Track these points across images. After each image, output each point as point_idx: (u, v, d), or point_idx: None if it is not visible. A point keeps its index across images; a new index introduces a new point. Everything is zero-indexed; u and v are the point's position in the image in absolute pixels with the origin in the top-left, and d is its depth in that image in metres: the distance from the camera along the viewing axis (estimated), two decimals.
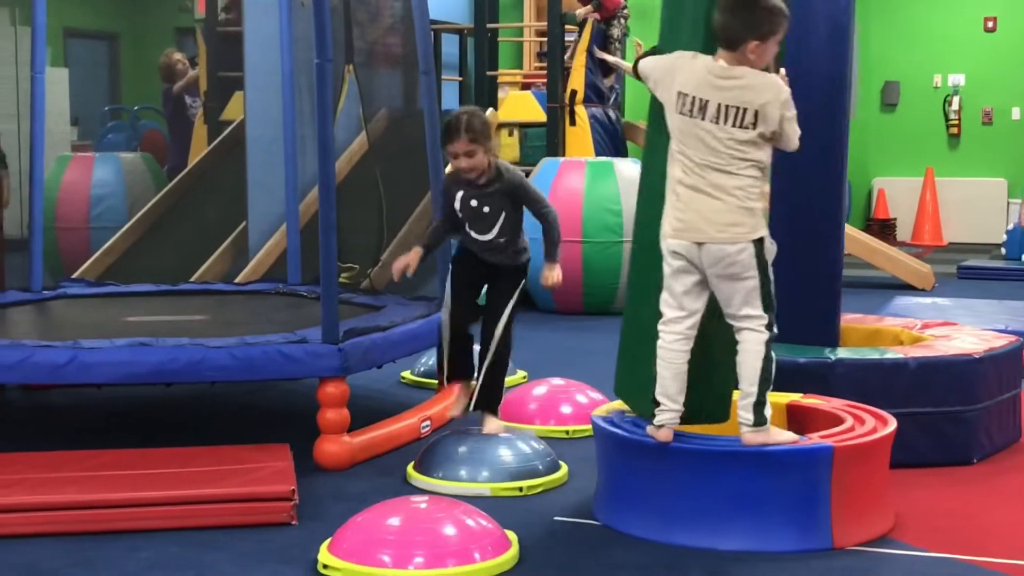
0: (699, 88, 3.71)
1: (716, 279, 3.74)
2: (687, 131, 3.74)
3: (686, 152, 3.74)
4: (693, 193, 3.73)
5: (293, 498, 4.01)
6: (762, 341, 3.75)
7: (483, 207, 4.54)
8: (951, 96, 13.74)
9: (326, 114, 4.63)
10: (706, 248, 3.72)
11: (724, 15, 3.70)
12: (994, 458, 4.83)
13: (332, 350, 4.60)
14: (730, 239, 3.70)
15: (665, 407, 3.80)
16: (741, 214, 3.71)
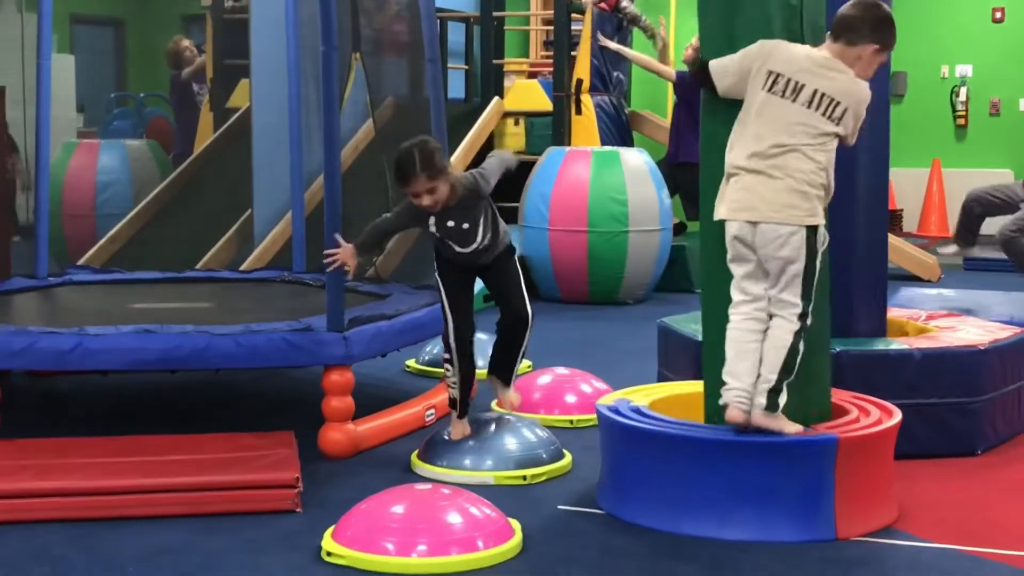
0: (798, 72, 3.77)
1: (767, 260, 3.77)
2: (769, 110, 3.78)
3: (762, 132, 3.77)
4: (753, 174, 3.77)
5: (297, 485, 4.02)
6: (792, 331, 3.77)
7: (462, 224, 4.34)
8: (958, 87, 13.71)
9: (332, 102, 4.63)
10: (760, 228, 3.75)
11: (856, 10, 3.81)
12: (999, 449, 4.82)
13: (337, 338, 4.60)
14: (784, 219, 3.73)
15: (729, 386, 3.78)
16: (798, 197, 3.75)
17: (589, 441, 4.68)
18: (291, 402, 5.54)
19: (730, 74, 3.84)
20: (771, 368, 3.77)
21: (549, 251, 8.48)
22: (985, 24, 13.64)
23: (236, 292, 6.10)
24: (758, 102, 3.79)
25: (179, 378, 5.52)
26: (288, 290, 6.10)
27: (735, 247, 3.81)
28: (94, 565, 3.55)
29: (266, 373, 5.82)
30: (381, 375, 5.98)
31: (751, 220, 3.76)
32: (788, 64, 3.79)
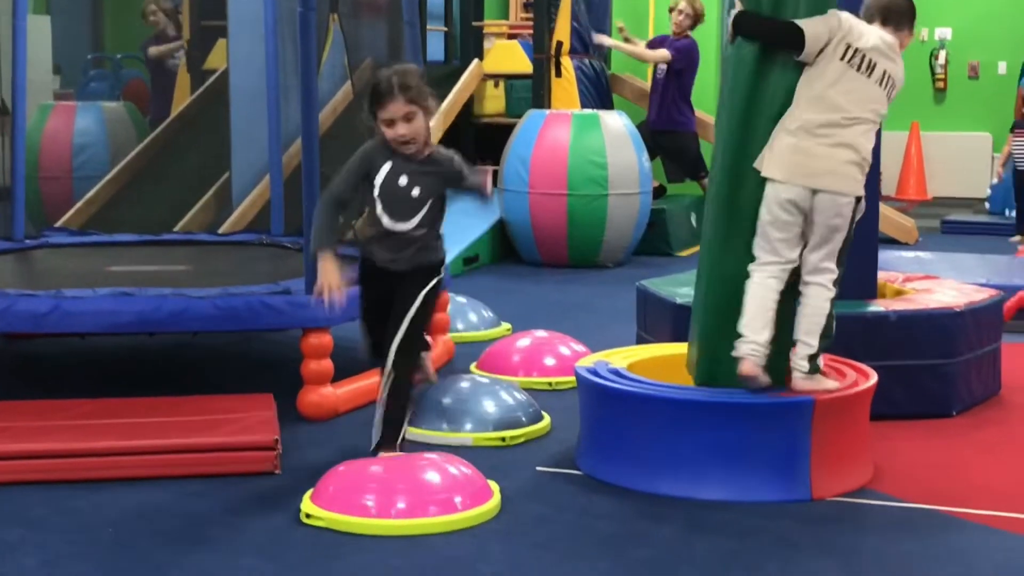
0: (872, 51, 3.89)
1: (819, 227, 3.85)
2: (846, 83, 3.86)
3: (839, 102, 3.84)
4: (822, 142, 3.82)
5: (277, 447, 4.03)
6: (829, 298, 3.89)
7: (412, 188, 3.84)
8: (937, 50, 13.71)
9: (310, 64, 4.61)
10: (821, 196, 3.82)
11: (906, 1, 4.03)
12: (974, 411, 4.86)
13: (315, 301, 4.59)
14: (846, 190, 3.84)
15: (748, 339, 3.84)
16: (858, 169, 3.88)
17: (568, 403, 4.70)
18: (270, 365, 5.54)
19: (820, 39, 3.84)
20: (811, 334, 3.88)
21: (529, 214, 8.48)
22: None
23: (214, 255, 6.08)
24: (834, 72, 3.85)
25: (157, 341, 5.52)
26: (267, 253, 6.08)
27: (786, 210, 3.83)
28: (72, 527, 3.56)
29: (244, 336, 5.82)
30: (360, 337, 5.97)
31: (815, 187, 3.82)
32: (865, 40, 3.90)
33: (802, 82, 3.88)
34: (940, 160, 13.47)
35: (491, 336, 6.12)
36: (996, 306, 5.09)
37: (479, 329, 6.24)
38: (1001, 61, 13.51)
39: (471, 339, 6.06)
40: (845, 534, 3.59)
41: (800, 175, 3.81)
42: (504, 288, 7.76)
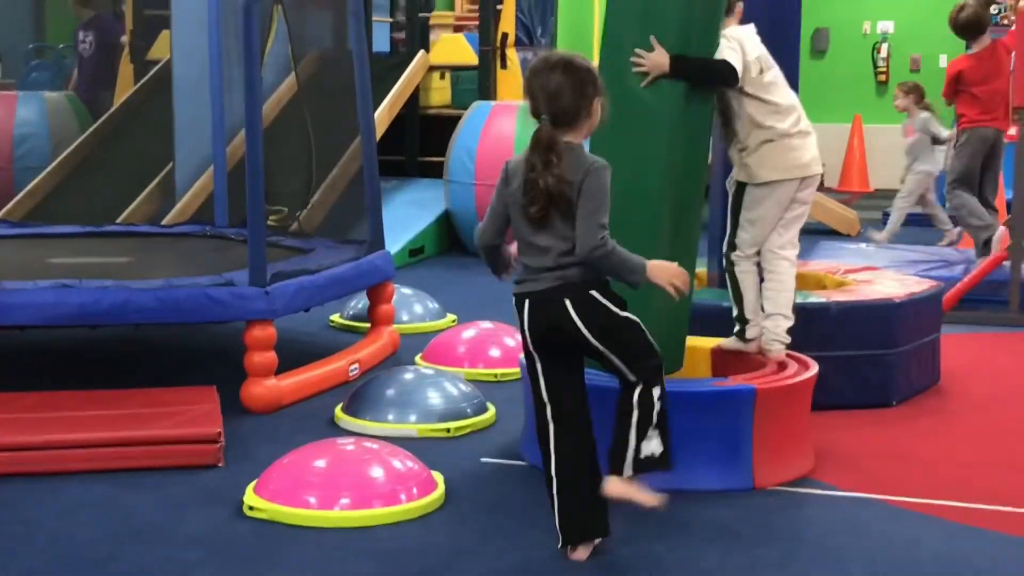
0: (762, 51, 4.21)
1: (798, 209, 4.23)
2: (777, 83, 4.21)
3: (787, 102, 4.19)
4: (803, 136, 4.22)
5: (219, 440, 4.01)
6: (793, 273, 4.26)
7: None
8: (880, 43, 13.84)
9: (253, 55, 4.59)
10: (807, 180, 4.23)
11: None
12: (913, 400, 4.93)
13: (258, 293, 4.58)
14: (820, 170, 4.33)
15: (755, 322, 4.24)
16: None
17: (513, 394, 4.71)
18: (213, 357, 5.51)
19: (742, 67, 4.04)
20: (788, 307, 4.23)
21: (475, 205, 8.48)
22: None
23: (157, 246, 6.04)
24: (764, 84, 4.15)
25: (99, 333, 5.46)
26: (210, 245, 6.05)
27: (780, 203, 4.20)
28: (12, 522, 3.53)
29: (188, 328, 5.78)
30: (305, 330, 5.96)
31: (807, 175, 4.22)
32: (753, 47, 4.15)
33: (745, 104, 4.14)
34: (882, 152, 13.58)
35: (436, 327, 6.12)
36: (936, 297, 5.16)
37: (424, 320, 6.24)
38: (942, 54, 13.65)
39: (416, 330, 6.05)
40: (786, 523, 3.63)
41: (797, 169, 4.19)
42: (450, 279, 7.76)
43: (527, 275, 3.28)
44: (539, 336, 3.25)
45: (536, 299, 3.23)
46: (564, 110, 3.17)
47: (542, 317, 3.22)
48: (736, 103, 4.15)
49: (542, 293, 3.22)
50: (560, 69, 3.18)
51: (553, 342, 3.26)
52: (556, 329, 3.22)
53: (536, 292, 3.23)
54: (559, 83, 3.17)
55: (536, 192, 3.15)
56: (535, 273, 3.25)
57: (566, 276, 3.20)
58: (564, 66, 3.19)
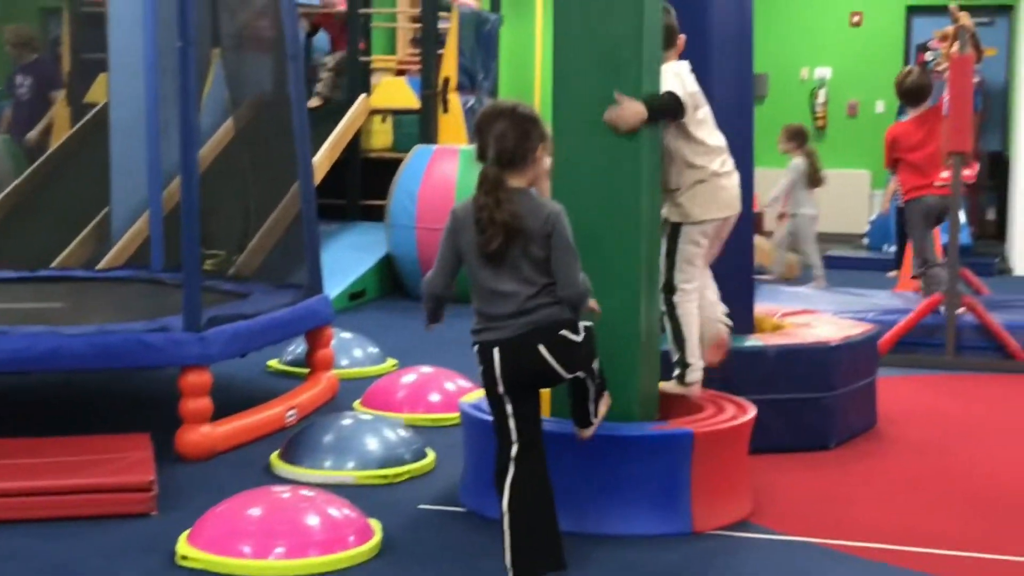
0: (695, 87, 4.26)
1: (718, 244, 4.35)
2: (709, 122, 4.28)
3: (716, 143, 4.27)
4: (730, 175, 4.31)
5: (152, 488, 3.95)
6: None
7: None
8: (817, 89, 14.02)
9: (189, 98, 4.56)
10: (730, 217, 4.32)
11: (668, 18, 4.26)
12: (851, 443, 4.95)
13: (193, 338, 4.53)
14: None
15: (695, 367, 4.25)
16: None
17: (453, 439, 4.68)
18: (148, 403, 5.43)
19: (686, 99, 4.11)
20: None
21: (416, 249, 8.46)
22: (843, 28, 13.98)
23: (92, 291, 5.96)
24: (698, 120, 4.21)
25: (32, 380, 5.38)
26: (146, 289, 5.98)
27: (708, 238, 4.29)
28: None
29: (122, 374, 5.70)
30: (242, 375, 5.90)
31: (732, 213, 4.33)
32: (692, 82, 4.21)
33: (679, 144, 4.18)
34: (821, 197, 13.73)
35: (376, 372, 6.08)
36: (872, 340, 5.20)
37: (364, 365, 6.19)
38: (879, 100, 13.87)
39: (356, 375, 6.01)
40: (725, 567, 3.62)
41: (728, 208, 4.30)
42: (391, 323, 7.72)
43: (488, 323, 3.35)
44: (512, 381, 3.33)
45: (507, 346, 3.31)
46: (509, 152, 3.30)
47: (516, 363, 3.32)
48: (672, 143, 4.16)
49: (513, 341, 3.31)
50: (507, 115, 3.33)
51: (526, 384, 3.37)
52: (532, 373, 3.35)
53: (506, 340, 3.31)
54: (504, 127, 3.31)
55: (492, 228, 3.25)
56: (498, 320, 3.32)
57: (535, 321, 3.31)
58: (510, 112, 3.34)
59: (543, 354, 3.31)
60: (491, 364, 3.34)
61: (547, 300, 3.33)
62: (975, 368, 6.50)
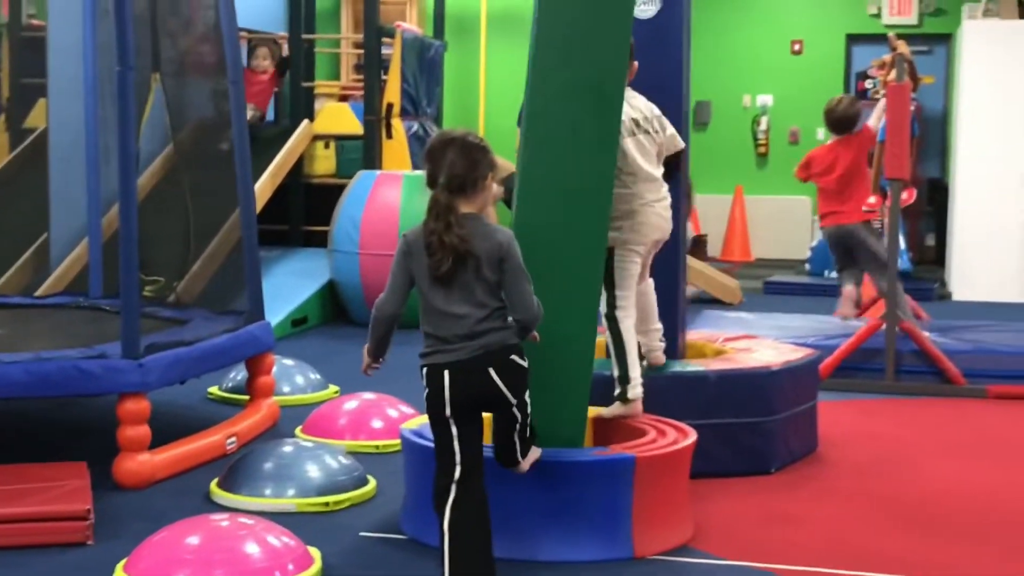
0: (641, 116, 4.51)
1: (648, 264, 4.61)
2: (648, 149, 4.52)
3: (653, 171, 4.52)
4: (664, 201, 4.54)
5: (89, 517, 3.90)
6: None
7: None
8: (759, 116, 14.16)
9: (128, 124, 4.53)
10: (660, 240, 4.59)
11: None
12: (792, 467, 4.98)
13: (131, 365, 4.48)
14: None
15: (635, 380, 4.38)
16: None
17: (395, 466, 4.66)
18: (86, 431, 5.37)
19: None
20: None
21: (359, 275, 8.43)
22: (784, 56, 14.13)
23: (30, 318, 5.89)
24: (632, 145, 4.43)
25: None
26: (85, 316, 5.91)
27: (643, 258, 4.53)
28: None
29: (60, 402, 5.63)
30: (182, 402, 5.84)
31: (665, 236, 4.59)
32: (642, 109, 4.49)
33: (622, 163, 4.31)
34: (763, 223, 13.88)
35: (318, 399, 6.04)
36: (812, 365, 5.24)
37: (306, 392, 6.16)
38: (820, 127, 14.00)
39: (298, 402, 5.98)
40: None
41: (659, 232, 4.53)
42: (333, 350, 7.68)
43: (438, 346, 3.41)
44: (460, 404, 3.39)
45: (457, 369, 3.37)
46: (460, 179, 3.37)
47: (465, 386, 3.38)
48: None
49: (464, 363, 3.36)
50: (457, 143, 3.41)
51: (473, 408, 3.42)
52: (480, 397, 3.41)
53: (456, 363, 3.37)
54: (455, 155, 3.38)
55: (442, 251, 3.32)
56: (448, 343, 3.38)
57: (486, 344, 3.37)
58: (461, 141, 3.42)
59: (493, 378, 3.37)
60: (440, 387, 3.39)
61: (498, 324, 3.39)
62: (915, 392, 6.56)
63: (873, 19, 13.88)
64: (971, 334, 7.29)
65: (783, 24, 14.10)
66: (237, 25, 5.54)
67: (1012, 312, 9.79)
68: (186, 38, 6.44)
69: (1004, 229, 10.71)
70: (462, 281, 3.36)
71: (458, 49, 12.28)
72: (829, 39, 14.02)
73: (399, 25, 9.87)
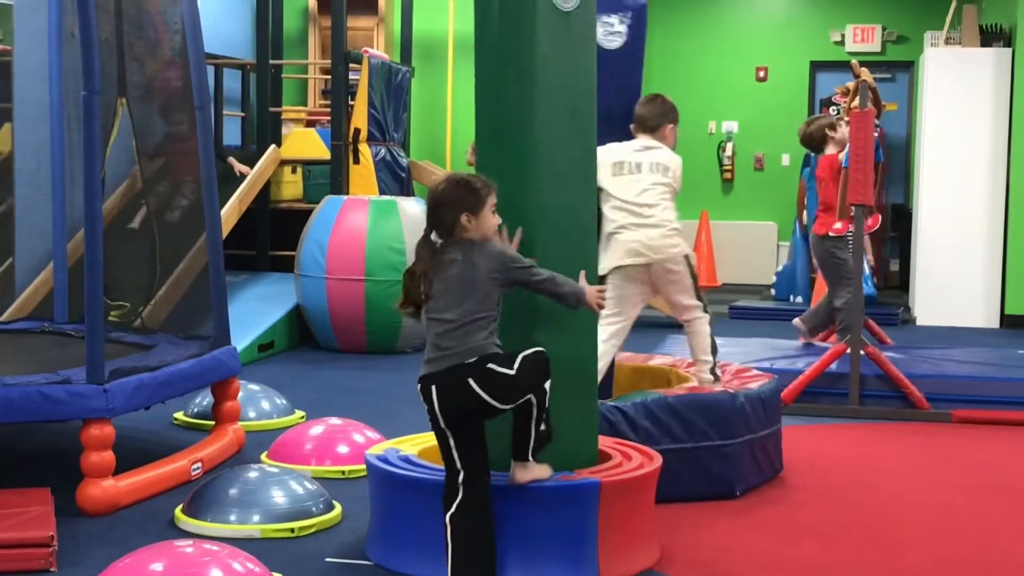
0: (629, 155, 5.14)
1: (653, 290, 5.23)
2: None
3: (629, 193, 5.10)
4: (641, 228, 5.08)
5: (52, 544, 3.88)
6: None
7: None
8: (725, 142, 14.26)
9: (93, 148, 4.52)
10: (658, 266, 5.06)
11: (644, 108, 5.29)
12: (757, 491, 5.00)
13: (96, 390, 4.46)
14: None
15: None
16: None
17: (361, 492, 4.65)
18: (49, 457, 5.34)
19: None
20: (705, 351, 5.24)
21: (326, 300, 8.43)
22: (749, 82, 14.25)
23: None
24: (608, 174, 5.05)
25: None
26: (49, 341, 5.88)
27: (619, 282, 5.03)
28: None
29: (24, 427, 5.60)
30: (147, 428, 5.82)
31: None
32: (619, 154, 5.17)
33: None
34: (728, 248, 13.96)
35: (284, 424, 6.03)
36: (776, 390, 5.27)
37: (272, 417, 6.14)
38: (785, 153, 14.13)
39: (263, 427, 5.96)
40: None
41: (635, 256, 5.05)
42: (300, 375, 7.67)
43: (430, 355, 3.66)
44: (450, 416, 3.61)
45: (439, 382, 3.60)
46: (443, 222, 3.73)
47: (447, 399, 3.59)
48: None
49: (444, 375, 3.59)
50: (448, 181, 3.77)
51: (464, 417, 3.61)
52: (467, 407, 3.60)
53: (437, 374, 3.60)
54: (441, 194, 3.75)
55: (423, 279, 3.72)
56: (437, 351, 3.63)
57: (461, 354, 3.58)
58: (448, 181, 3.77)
59: (473, 388, 3.56)
60: (431, 401, 3.62)
61: (481, 333, 3.60)
62: (879, 417, 6.61)
63: (837, 46, 14.03)
64: (935, 359, 7.35)
65: (748, 51, 14.22)
66: (204, 50, 5.53)
67: (976, 337, 9.89)
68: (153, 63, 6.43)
69: (968, 254, 10.81)
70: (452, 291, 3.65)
71: (425, 74, 12.32)
72: (793, 66, 14.15)
73: (366, 51, 9.90)
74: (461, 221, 3.68)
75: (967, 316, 10.79)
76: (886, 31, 13.92)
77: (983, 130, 10.80)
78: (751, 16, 14.24)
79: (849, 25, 13.97)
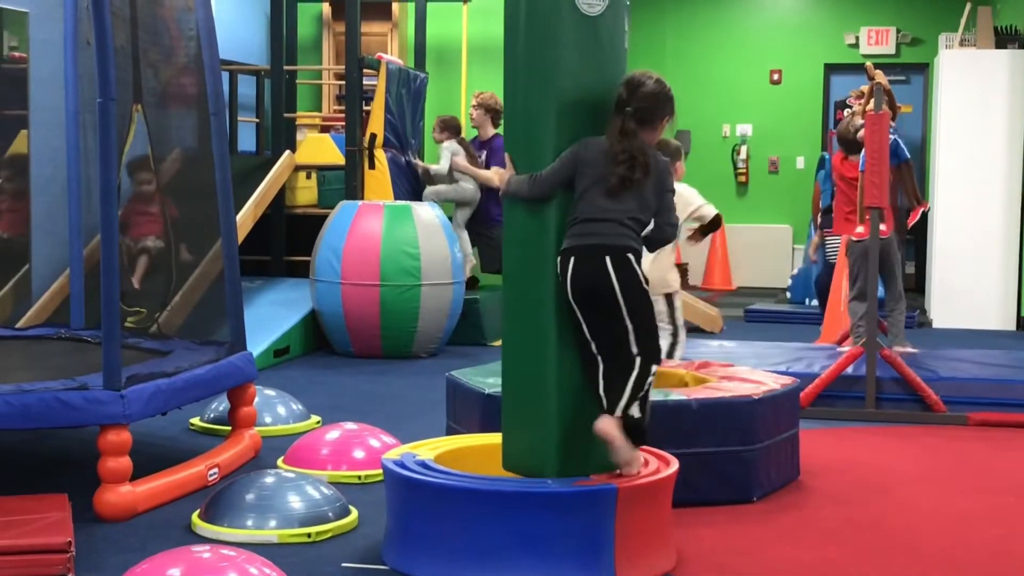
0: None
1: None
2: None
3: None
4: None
5: (70, 550, 3.88)
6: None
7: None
8: (739, 145, 14.25)
9: (109, 155, 4.53)
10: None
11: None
12: (774, 496, 4.99)
13: (113, 396, 4.47)
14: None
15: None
16: None
17: (377, 497, 4.65)
18: (67, 463, 5.35)
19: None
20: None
21: (342, 305, 8.44)
22: (763, 85, 14.24)
23: (10, 350, 5.87)
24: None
25: None
26: (66, 347, 5.89)
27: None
28: None
29: (41, 433, 5.61)
30: (164, 433, 5.83)
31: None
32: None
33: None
34: (744, 251, 13.94)
35: (300, 429, 6.03)
36: (793, 393, 5.26)
37: (288, 422, 6.15)
38: (799, 156, 14.13)
39: (279, 433, 5.97)
40: None
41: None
42: (315, 380, 7.68)
43: (577, 231, 3.84)
44: (577, 291, 3.79)
45: (580, 253, 3.80)
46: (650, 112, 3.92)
47: (583, 268, 3.79)
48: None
49: (584, 248, 3.80)
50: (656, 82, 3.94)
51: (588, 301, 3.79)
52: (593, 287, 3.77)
53: (581, 247, 3.80)
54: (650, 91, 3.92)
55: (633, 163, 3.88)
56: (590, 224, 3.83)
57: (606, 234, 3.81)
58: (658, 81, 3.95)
59: (607, 267, 3.76)
60: (565, 272, 3.79)
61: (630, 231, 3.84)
62: (895, 420, 6.59)
63: (851, 49, 14.01)
64: (952, 361, 7.33)
65: (762, 54, 14.21)
66: (219, 56, 5.55)
67: (992, 339, 9.86)
68: (168, 69, 6.45)
69: (984, 256, 10.78)
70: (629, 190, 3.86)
71: (439, 80, 12.33)
72: (808, 68, 14.14)
73: (381, 56, 9.91)
74: (663, 123, 3.92)
75: (983, 318, 10.76)
76: (900, 33, 13.90)
77: (999, 132, 10.77)
78: (765, 19, 14.23)
79: (863, 27, 13.95)
